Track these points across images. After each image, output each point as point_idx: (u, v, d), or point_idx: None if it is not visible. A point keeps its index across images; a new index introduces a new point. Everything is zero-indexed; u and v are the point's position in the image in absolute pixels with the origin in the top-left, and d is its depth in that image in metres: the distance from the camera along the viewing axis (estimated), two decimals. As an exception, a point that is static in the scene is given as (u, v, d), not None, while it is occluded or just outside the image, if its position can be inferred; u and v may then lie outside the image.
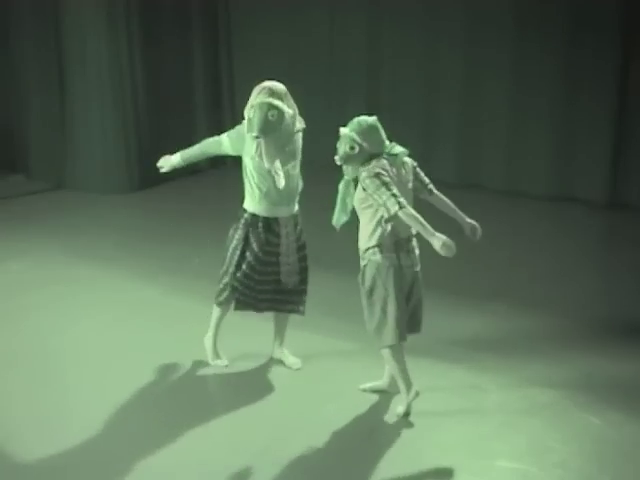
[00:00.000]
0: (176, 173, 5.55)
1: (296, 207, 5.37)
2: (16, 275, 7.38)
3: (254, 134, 5.06)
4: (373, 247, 4.79)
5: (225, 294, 5.44)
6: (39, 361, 5.78)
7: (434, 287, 6.32)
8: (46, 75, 10.00)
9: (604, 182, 9.13)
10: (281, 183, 5.11)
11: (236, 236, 5.31)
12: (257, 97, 5.12)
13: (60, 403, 5.25)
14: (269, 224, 5.27)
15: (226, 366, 5.64)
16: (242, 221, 5.30)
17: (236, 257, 5.30)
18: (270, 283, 5.37)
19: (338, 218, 4.98)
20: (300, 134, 5.30)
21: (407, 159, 4.87)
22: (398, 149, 4.80)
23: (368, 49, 10.18)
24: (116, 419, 5.03)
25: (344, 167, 4.84)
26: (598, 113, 8.97)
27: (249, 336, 5.58)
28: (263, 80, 5.28)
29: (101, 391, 5.37)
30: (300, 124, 5.28)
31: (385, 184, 4.60)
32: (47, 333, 6.21)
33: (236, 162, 5.54)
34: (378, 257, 4.78)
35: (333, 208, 4.96)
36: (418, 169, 4.97)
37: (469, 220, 5.05)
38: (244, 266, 5.28)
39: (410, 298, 4.97)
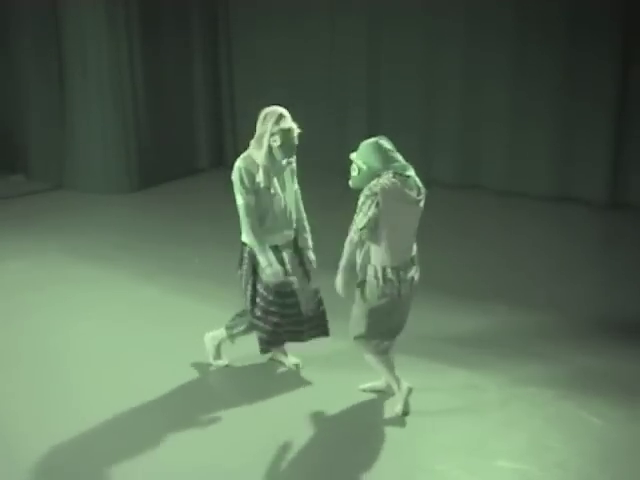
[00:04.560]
0: (175, 173, 5.51)
1: (293, 234, 5.34)
2: (15, 275, 7.38)
3: (290, 160, 5.14)
4: (375, 268, 4.78)
5: (241, 329, 5.43)
6: (39, 360, 5.77)
7: (434, 287, 6.33)
8: (46, 75, 10.02)
9: (604, 182, 9.14)
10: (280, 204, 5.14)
11: (244, 272, 5.29)
12: (280, 123, 5.04)
13: (60, 402, 5.24)
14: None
15: (226, 366, 5.65)
16: (245, 255, 5.27)
17: (249, 292, 5.27)
18: (291, 316, 5.32)
19: None
20: (292, 166, 5.29)
21: (421, 185, 4.82)
22: (411, 173, 4.77)
23: (368, 51, 10.18)
24: (116, 418, 5.03)
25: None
26: (598, 113, 8.98)
27: (249, 336, 5.56)
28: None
29: (101, 391, 5.36)
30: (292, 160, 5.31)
31: (374, 215, 4.61)
32: (46, 333, 6.21)
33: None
34: (379, 282, 4.78)
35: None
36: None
37: None
38: (258, 299, 5.25)
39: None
